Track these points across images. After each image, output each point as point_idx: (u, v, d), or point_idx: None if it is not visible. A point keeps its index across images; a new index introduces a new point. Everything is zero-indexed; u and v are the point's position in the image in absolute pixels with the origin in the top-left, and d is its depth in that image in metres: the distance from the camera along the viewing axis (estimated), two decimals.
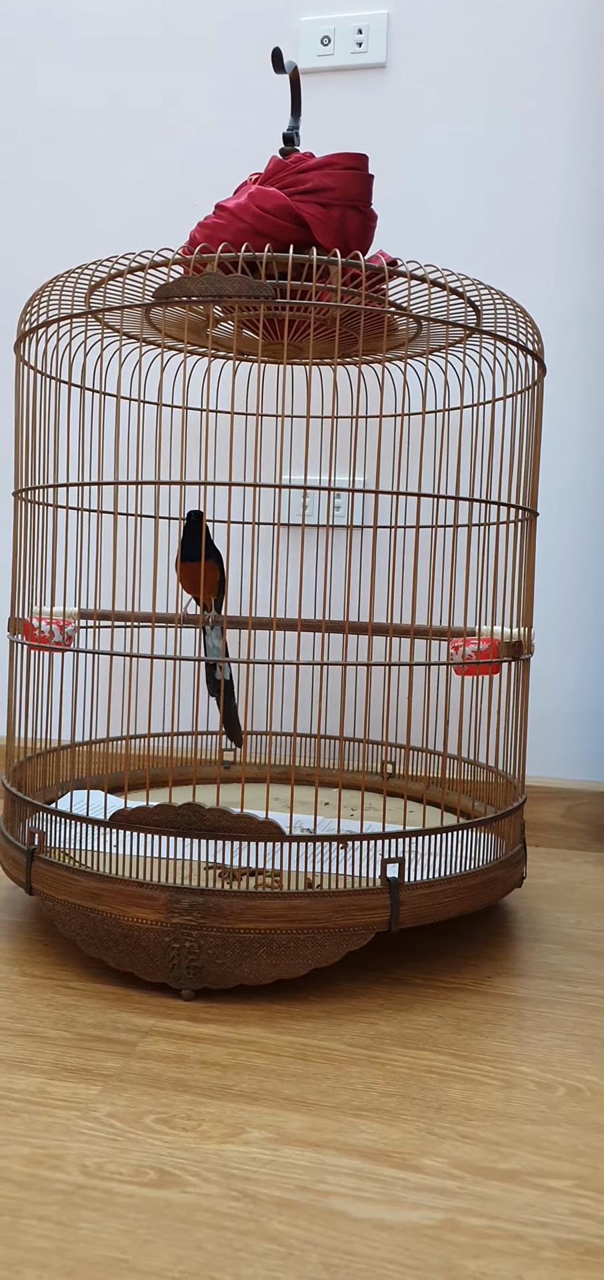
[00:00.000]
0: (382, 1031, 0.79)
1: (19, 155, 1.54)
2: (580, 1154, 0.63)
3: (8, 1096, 0.67)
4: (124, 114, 1.50)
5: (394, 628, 0.95)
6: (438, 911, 0.88)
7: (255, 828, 0.84)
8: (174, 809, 0.85)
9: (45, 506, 0.99)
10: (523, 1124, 0.67)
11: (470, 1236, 0.55)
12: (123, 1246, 0.53)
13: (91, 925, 0.85)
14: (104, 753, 1.15)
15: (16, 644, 1.00)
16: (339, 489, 0.92)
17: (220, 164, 1.42)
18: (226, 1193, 0.58)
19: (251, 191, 0.96)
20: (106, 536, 0.93)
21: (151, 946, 0.83)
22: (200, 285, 0.85)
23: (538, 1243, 0.55)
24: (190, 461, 1.15)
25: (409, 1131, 0.65)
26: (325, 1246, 0.53)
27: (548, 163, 1.37)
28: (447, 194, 1.40)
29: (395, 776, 1.26)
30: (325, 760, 1.32)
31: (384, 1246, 0.54)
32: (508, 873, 0.97)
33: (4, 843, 0.98)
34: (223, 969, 0.82)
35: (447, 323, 0.92)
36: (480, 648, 0.94)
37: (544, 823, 1.38)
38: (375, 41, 1.41)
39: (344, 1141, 0.64)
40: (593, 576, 1.38)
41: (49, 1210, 0.56)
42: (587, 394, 1.37)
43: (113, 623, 0.93)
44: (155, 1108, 0.66)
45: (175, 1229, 0.54)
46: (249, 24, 1.44)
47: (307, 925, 0.82)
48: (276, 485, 0.87)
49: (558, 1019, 0.82)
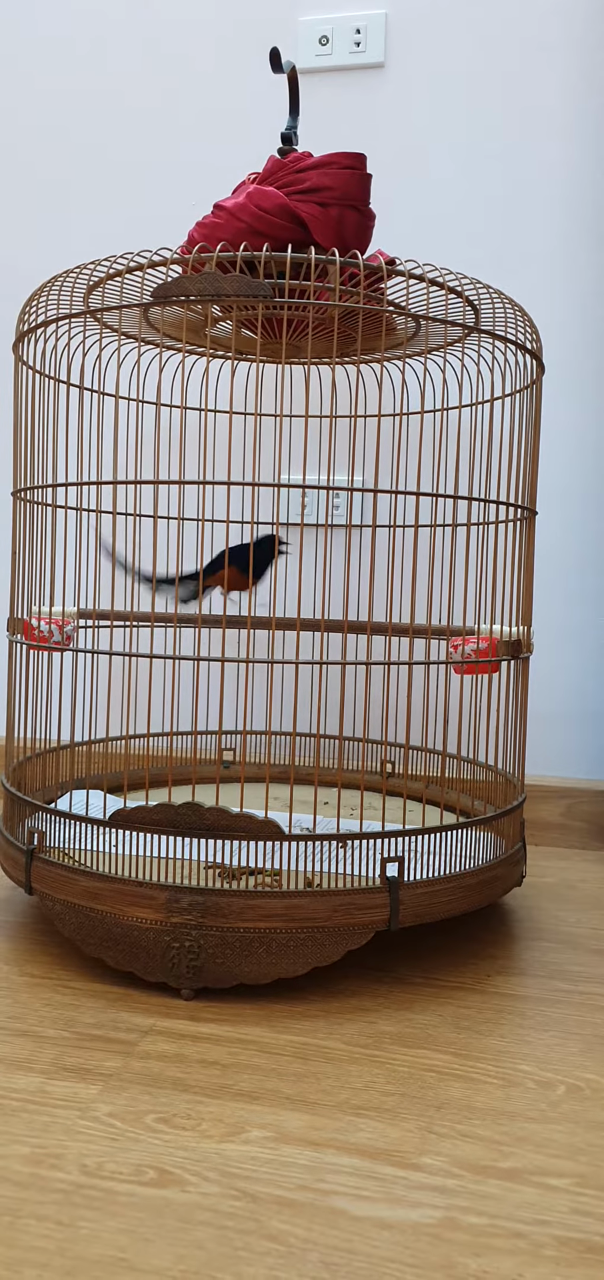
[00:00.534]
0: (382, 1030, 0.79)
1: (17, 155, 1.54)
2: (581, 1152, 0.63)
3: (7, 1096, 0.67)
4: (122, 113, 1.50)
5: (393, 627, 0.95)
6: (438, 910, 0.88)
7: (255, 827, 0.84)
8: (173, 808, 0.85)
9: (44, 506, 0.99)
10: (523, 1122, 0.66)
11: (471, 1235, 0.55)
12: (123, 1246, 0.53)
13: (91, 925, 0.85)
14: (103, 752, 1.15)
15: (16, 644, 1.00)
16: (338, 488, 0.92)
17: (218, 163, 1.42)
18: (227, 1192, 0.58)
19: (250, 191, 0.96)
20: (105, 536, 0.93)
21: (151, 946, 0.83)
22: (199, 285, 0.85)
23: (538, 1241, 0.55)
24: (189, 461, 1.15)
25: (409, 1130, 0.65)
26: (326, 1245, 0.53)
27: (546, 161, 1.37)
28: (445, 193, 1.40)
29: (395, 775, 1.26)
30: (325, 759, 1.32)
31: (384, 1245, 0.54)
32: (508, 871, 0.97)
33: (4, 842, 0.97)
34: (222, 968, 0.82)
35: (445, 322, 0.92)
36: (480, 646, 0.94)
37: (544, 821, 1.38)
38: (374, 41, 1.41)
39: (344, 1140, 0.63)
40: (592, 575, 1.38)
41: (49, 1210, 0.56)
42: (585, 392, 1.37)
43: (112, 622, 0.93)
44: (155, 1107, 0.66)
45: (175, 1228, 0.54)
46: (248, 24, 1.44)
47: (306, 924, 0.82)
48: (275, 485, 0.87)
49: (558, 1017, 0.82)
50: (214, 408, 0.98)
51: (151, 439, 1.01)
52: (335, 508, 1.40)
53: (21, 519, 1.02)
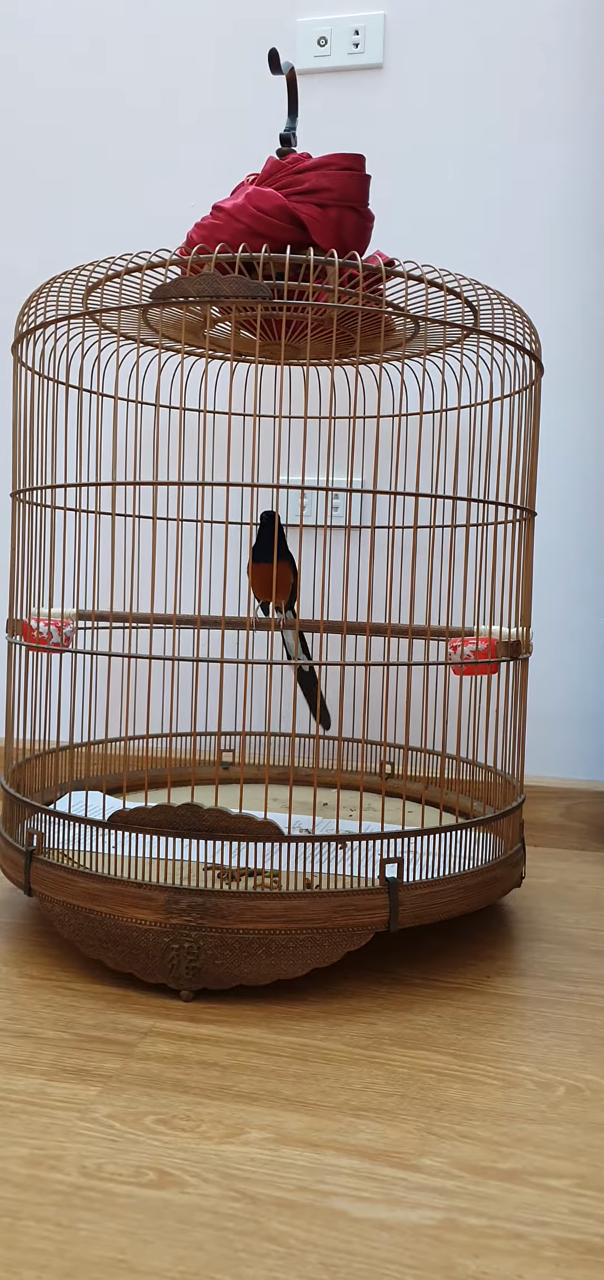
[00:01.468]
0: (381, 1031, 0.79)
1: (17, 155, 1.54)
2: (580, 1153, 0.63)
3: (7, 1097, 0.67)
4: (121, 114, 1.50)
5: (392, 628, 0.95)
6: (437, 911, 0.88)
7: (254, 828, 0.84)
8: (173, 809, 0.85)
9: (43, 508, 0.99)
10: (523, 1123, 0.66)
11: (470, 1236, 0.55)
12: (122, 1247, 0.53)
13: (90, 926, 0.85)
14: (102, 754, 1.15)
15: (15, 645, 1.00)
16: (337, 489, 0.92)
17: (217, 165, 1.42)
18: (226, 1193, 0.58)
19: (249, 192, 0.96)
20: (104, 537, 0.93)
21: (150, 947, 0.83)
22: (197, 286, 0.85)
23: (538, 1242, 0.54)
24: (188, 462, 1.15)
25: (409, 1131, 0.65)
26: (325, 1247, 0.53)
27: (546, 162, 1.37)
28: (444, 194, 1.40)
29: (394, 776, 1.26)
30: (324, 761, 1.32)
31: (384, 1246, 0.54)
32: (507, 872, 0.97)
33: (3, 844, 0.97)
34: (222, 969, 0.82)
35: (444, 323, 0.92)
36: (479, 647, 0.94)
37: (543, 822, 1.38)
38: (372, 42, 1.41)
39: (344, 1141, 0.63)
40: (591, 575, 1.38)
41: (48, 1211, 0.55)
42: (585, 393, 1.37)
43: (111, 623, 0.93)
44: (154, 1108, 0.66)
45: (175, 1230, 0.54)
46: (246, 25, 1.44)
47: (306, 925, 0.82)
48: (274, 486, 0.87)
49: (557, 1018, 0.82)
50: (213, 409, 0.99)
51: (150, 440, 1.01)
52: (334, 509, 1.40)
53: (20, 520, 1.02)
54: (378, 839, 0.87)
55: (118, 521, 0.98)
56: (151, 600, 0.88)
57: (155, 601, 0.90)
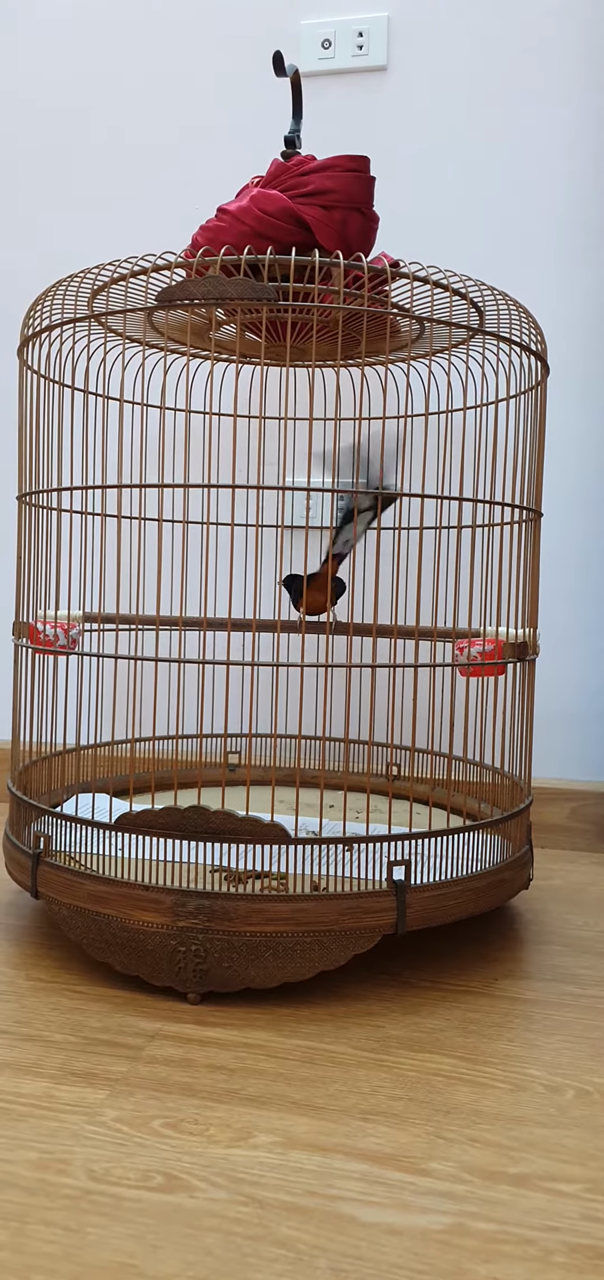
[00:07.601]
0: (389, 1035, 0.79)
1: (22, 159, 1.54)
2: (591, 1157, 0.63)
3: (15, 1101, 0.67)
4: (127, 117, 1.50)
5: (399, 629, 0.94)
6: (444, 914, 0.87)
7: (261, 830, 0.84)
8: (179, 812, 0.85)
9: (49, 510, 0.99)
10: (532, 1127, 0.66)
11: (480, 1241, 0.54)
12: (131, 1252, 0.53)
13: (97, 929, 0.85)
14: (109, 756, 1.15)
15: (21, 648, 1.00)
16: (343, 491, 0.92)
17: (222, 167, 1.42)
18: (235, 1197, 0.57)
19: (253, 194, 0.96)
20: (110, 540, 0.93)
21: (157, 950, 0.82)
22: (203, 288, 0.85)
23: (549, 1247, 0.54)
24: (194, 464, 1.15)
25: (417, 1135, 0.65)
26: (334, 1251, 0.53)
27: (549, 163, 1.37)
28: (448, 195, 1.40)
29: (401, 778, 1.25)
30: (330, 763, 1.31)
31: (393, 1251, 0.53)
32: (514, 874, 0.97)
33: (10, 847, 0.97)
34: (229, 972, 0.82)
35: (449, 324, 0.91)
36: (485, 649, 0.94)
37: (550, 824, 1.37)
38: (376, 44, 1.41)
39: (352, 1145, 0.63)
40: (598, 576, 1.38)
41: (56, 1215, 0.55)
42: (590, 393, 1.37)
43: (117, 626, 0.93)
44: (162, 1112, 0.66)
45: (183, 1234, 0.54)
46: (250, 27, 1.45)
47: (313, 928, 0.82)
48: (280, 487, 0.86)
49: (566, 1021, 0.82)
50: (218, 411, 0.98)
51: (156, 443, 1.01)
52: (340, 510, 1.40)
53: (27, 523, 1.02)
54: (385, 841, 0.87)
55: (123, 524, 0.98)
56: (157, 602, 0.88)
57: (161, 603, 0.90)
